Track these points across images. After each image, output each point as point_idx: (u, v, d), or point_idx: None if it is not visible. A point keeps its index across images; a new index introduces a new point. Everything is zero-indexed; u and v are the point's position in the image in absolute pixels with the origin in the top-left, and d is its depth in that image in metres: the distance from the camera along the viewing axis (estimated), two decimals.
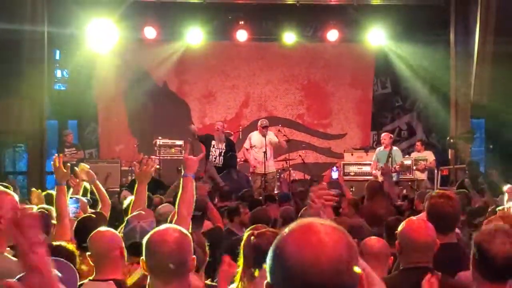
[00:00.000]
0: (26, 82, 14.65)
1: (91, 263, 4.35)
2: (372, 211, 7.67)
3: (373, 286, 3.46)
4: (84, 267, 4.82)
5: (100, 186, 7.25)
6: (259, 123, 14.85)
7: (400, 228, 4.23)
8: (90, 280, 4.22)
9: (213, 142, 14.17)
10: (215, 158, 14.06)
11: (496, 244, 3.41)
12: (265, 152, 14.34)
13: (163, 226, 3.48)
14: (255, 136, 14.80)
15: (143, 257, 3.29)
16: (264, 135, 14.50)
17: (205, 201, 7.54)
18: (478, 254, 3.47)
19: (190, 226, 4.79)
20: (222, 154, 14.04)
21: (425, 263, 4.06)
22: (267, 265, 1.72)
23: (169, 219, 5.03)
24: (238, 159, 14.48)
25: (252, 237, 4.07)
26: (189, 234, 3.39)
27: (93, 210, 6.88)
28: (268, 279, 1.71)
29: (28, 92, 14.81)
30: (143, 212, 5.07)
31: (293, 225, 1.74)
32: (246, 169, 14.99)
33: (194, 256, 3.33)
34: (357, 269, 1.69)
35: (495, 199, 8.94)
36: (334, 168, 10.25)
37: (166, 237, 3.26)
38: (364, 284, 1.71)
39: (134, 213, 5.11)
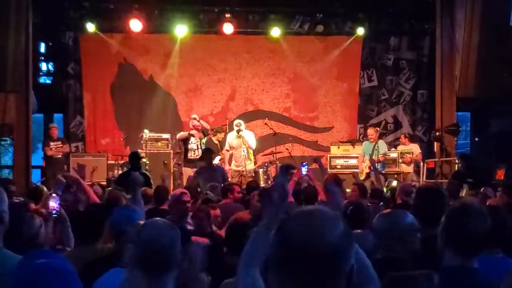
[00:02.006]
0: (11, 76, 14.56)
1: None
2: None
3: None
4: None
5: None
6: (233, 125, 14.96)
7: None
8: None
9: (192, 139, 14.41)
10: (194, 151, 14.34)
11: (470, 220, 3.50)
12: (243, 150, 14.49)
13: (155, 220, 3.49)
14: (231, 137, 14.89)
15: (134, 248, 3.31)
16: (239, 136, 14.60)
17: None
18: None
19: None
20: (199, 146, 14.36)
21: (399, 253, 4.10)
22: (271, 240, 1.88)
23: None
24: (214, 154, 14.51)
25: None
26: (178, 229, 3.40)
27: None
28: (269, 253, 1.88)
29: (13, 86, 14.72)
30: None
31: (297, 209, 1.92)
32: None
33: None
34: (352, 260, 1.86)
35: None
36: (304, 163, 10.50)
37: (160, 232, 3.27)
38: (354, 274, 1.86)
39: None
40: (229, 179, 13.74)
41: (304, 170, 9.64)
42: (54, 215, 5.55)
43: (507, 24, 15.30)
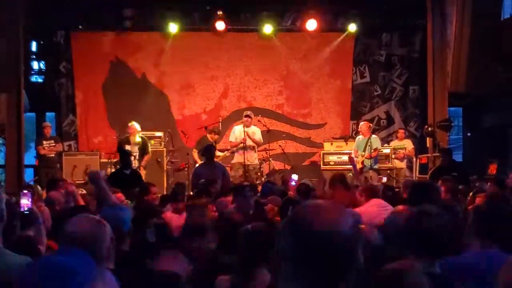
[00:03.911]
0: (3, 75, 14.52)
1: None
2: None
3: None
4: None
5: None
6: (244, 113, 14.88)
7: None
8: None
9: (127, 147, 14.16)
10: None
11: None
12: (244, 143, 14.36)
13: (81, 215, 3.73)
14: (238, 129, 14.77)
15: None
16: (246, 126, 14.48)
17: None
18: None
19: None
20: (137, 157, 14.08)
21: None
22: (280, 234, 1.92)
23: None
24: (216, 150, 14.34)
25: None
26: (106, 224, 3.55)
27: None
28: (280, 243, 1.91)
29: (5, 85, 14.68)
30: None
31: (305, 203, 1.99)
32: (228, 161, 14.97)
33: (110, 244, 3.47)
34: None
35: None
36: (292, 175, 11.08)
37: (80, 225, 3.44)
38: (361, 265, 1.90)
39: None
40: (232, 173, 13.70)
41: (293, 182, 10.07)
42: (25, 212, 5.55)
43: (498, 19, 15.35)
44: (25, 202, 5.60)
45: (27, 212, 5.52)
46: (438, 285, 3.30)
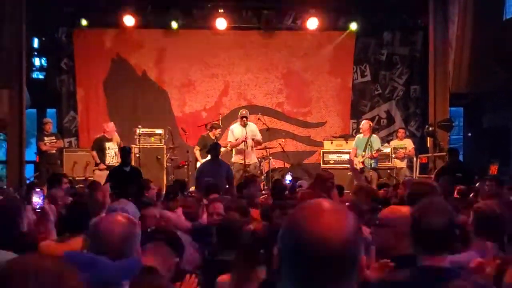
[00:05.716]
0: (4, 71, 14.53)
1: None
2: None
3: None
4: None
5: None
6: (239, 114, 14.82)
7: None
8: None
9: (107, 144, 14.48)
10: (112, 158, 14.42)
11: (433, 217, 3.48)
12: (245, 142, 14.31)
13: (113, 214, 3.58)
14: (237, 128, 14.71)
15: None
16: (244, 125, 14.44)
17: None
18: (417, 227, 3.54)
19: None
20: (117, 153, 14.26)
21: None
22: (279, 235, 1.86)
23: None
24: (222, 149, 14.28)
25: None
26: (138, 224, 3.43)
27: None
28: (280, 245, 1.86)
29: (6, 81, 14.70)
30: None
31: (306, 203, 1.90)
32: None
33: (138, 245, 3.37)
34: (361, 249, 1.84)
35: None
36: (288, 174, 11.10)
37: (113, 226, 3.29)
38: (364, 266, 1.85)
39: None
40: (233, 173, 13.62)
41: (288, 180, 10.18)
42: (37, 210, 5.57)
43: (500, 19, 15.33)
44: (37, 200, 5.63)
45: (39, 210, 5.56)
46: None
